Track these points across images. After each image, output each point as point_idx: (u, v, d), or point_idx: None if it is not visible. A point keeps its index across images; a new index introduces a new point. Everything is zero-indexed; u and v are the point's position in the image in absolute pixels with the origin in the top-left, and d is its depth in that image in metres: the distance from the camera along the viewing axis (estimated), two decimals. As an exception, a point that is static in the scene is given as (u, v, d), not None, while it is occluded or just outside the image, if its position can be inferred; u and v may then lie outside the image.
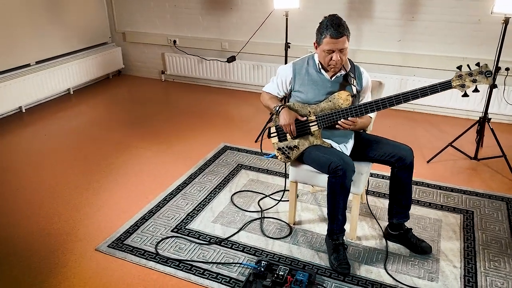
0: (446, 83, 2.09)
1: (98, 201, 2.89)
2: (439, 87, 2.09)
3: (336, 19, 2.16)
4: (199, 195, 2.93)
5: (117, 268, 2.28)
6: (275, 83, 2.43)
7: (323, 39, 2.17)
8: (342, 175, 2.13)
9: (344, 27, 2.15)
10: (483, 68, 2.06)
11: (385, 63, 4.36)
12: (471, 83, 2.08)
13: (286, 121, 2.28)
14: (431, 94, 2.11)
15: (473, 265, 2.28)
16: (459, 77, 2.09)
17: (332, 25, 2.13)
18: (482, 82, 2.07)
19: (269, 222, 2.66)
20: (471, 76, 2.07)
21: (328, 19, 2.17)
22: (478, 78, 2.07)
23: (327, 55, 2.19)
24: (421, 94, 2.12)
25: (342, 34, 2.13)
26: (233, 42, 4.92)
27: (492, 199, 2.86)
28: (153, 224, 2.63)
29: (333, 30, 2.12)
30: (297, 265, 2.29)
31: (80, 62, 5.05)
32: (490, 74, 2.04)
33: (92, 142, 3.80)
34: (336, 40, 2.13)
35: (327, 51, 2.17)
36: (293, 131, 2.30)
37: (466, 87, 2.09)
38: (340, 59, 2.18)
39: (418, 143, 3.72)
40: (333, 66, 2.22)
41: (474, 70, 2.07)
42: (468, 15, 3.90)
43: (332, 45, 2.15)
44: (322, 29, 2.17)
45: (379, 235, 2.52)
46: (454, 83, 2.09)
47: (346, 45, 2.17)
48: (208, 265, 2.29)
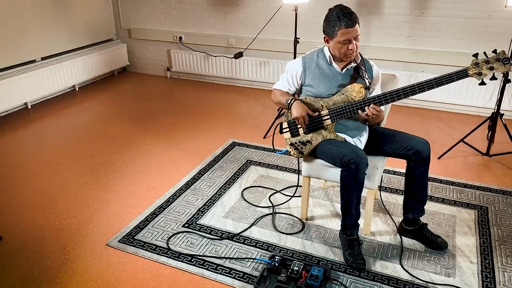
0: (462, 71, 2.05)
1: (107, 197, 2.86)
2: (455, 76, 2.05)
3: (345, 8, 2.14)
4: (209, 191, 2.90)
5: (129, 263, 2.25)
6: (285, 79, 2.40)
7: (338, 31, 2.13)
8: (355, 168, 2.09)
9: (355, 15, 2.14)
10: (501, 55, 2.01)
11: (394, 59, 4.32)
12: (488, 70, 2.03)
13: (299, 113, 2.25)
14: (447, 83, 2.07)
15: (490, 261, 2.24)
16: (476, 65, 2.05)
17: (344, 15, 2.10)
18: (500, 70, 2.02)
19: (281, 218, 2.62)
20: (488, 63, 2.03)
21: (337, 11, 2.14)
22: (495, 65, 2.02)
23: (343, 46, 2.16)
24: (436, 84, 2.08)
25: (355, 22, 2.12)
26: (240, 38, 4.89)
27: (506, 195, 2.83)
28: (164, 219, 2.60)
29: (346, 20, 2.10)
30: (311, 260, 2.26)
31: (85, 59, 5.02)
32: (508, 61, 2.00)
33: (98, 138, 3.77)
34: (352, 29, 2.11)
35: (343, 41, 2.14)
36: (306, 122, 2.27)
37: (483, 75, 2.04)
38: (356, 48, 2.18)
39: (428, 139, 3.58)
40: (350, 55, 2.20)
41: (491, 57, 2.03)
42: (478, 11, 3.86)
43: (348, 35, 2.12)
44: (333, 21, 2.14)
45: (393, 231, 2.49)
46: (471, 71, 2.05)
47: (359, 32, 2.17)
48: (221, 260, 2.25)
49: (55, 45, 4.76)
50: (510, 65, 2.01)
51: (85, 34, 5.11)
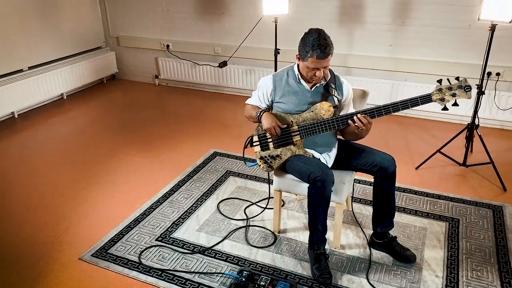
0: (426, 96, 2.09)
1: (85, 209, 2.90)
2: (419, 101, 2.09)
3: (322, 38, 2.10)
4: (186, 203, 2.94)
5: (100, 278, 2.28)
6: (257, 95, 2.44)
7: (308, 58, 2.14)
8: (321, 186, 2.13)
9: (330, 47, 2.11)
10: (463, 82, 2.07)
11: (377, 68, 4.35)
12: (450, 97, 2.08)
13: (269, 124, 2.28)
14: (412, 107, 2.11)
15: (456, 275, 2.27)
16: (439, 91, 2.09)
17: (318, 46, 2.09)
18: (462, 97, 2.07)
19: (254, 231, 2.66)
20: (450, 90, 2.08)
21: (314, 38, 2.11)
22: (457, 92, 2.07)
23: (311, 71, 2.18)
24: (402, 107, 2.12)
25: (328, 55, 2.11)
26: (226, 46, 4.92)
27: (479, 207, 2.86)
28: (138, 232, 2.64)
29: (319, 52, 2.09)
30: (279, 274, 2.29)
31: (73, 67, 5.06)
32: (469, 88, 2.05)
33: (83, 148, 3.81)
34: (323, 60, 2.12)
35: (312, 68, 2.16)
36: (278, 132, 2.29)
37: (445, 101, 2.09)
38: (323, 75, 2.19)
39: (408, 148, 3.72)
40: (316, 80, 2.23)
41: (453, 84, 2.08)
42: (458, 20, 3.89)
43: (318, 65, 2.14)
44: (307, 47, 2.13)
45: (363, 244, 2.52)
46: (434, 96, 2.09)
47: (330, 62, 2.17)
48: (190, 274, 2.29)
49: (43, 54, 4.80)
50: (471, 92, 2.06)
51: (74, 43, 5.16)
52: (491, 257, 2.40)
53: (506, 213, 2.77)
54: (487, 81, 3.92)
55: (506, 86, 3.93)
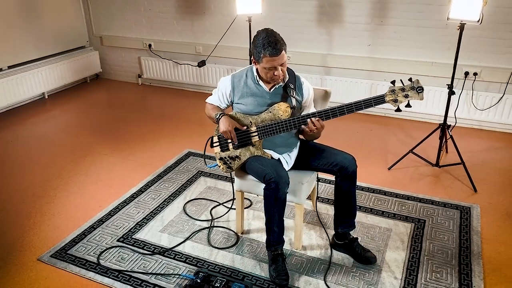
0: (379, 97, 2.08)
1: (50, 210, 2.88)
2: (373, 102, 2.08)
3: (271, 36, 2.10)
4: (152, 204, 2.92)
5: (56, 279, 2.27)
6: (217, 95, 2.42)
7: (263, 58, 2.13)
8: (275, 188, 2.11)
9: (281, 42, 2.11)
10: (415, 84, 2.06)
11: (356, 68, 4.33)
12: (403, 98, 2.07)
13: (226, 127, 2.26)
14: (366, 108, 2.10)
15: (415, 277, 2.25)
16: (392, 92, 2.08)
17: (269, 44, 2.08)
18: (414, 98, 2.06)
19: (217, 232, 2.64)
20: (403, 91, 2.06)
21: (263, 37, 2.11)
22: (410, 93, 2.06)
23: (269, 71, 2.17)
24: (355, 108, 2.11)
25: (280, 51, 2.09)
26: (207, 46, 4.91)
27: (447, 207, 2.83)
28: (101, 233, 2.62)
29: (271, 49, 2.08)
30: (237, 276, 2.27)
31: (55, 66, 5.05)
32: (421, 89, 2.04)
33: (58, 148, 3.80)
34: (276, 58, 2.10)
35: (269, 68, 2.15)
36: (234, 138, 2.28)
37: (398, 102, 2.08)
38: (281, 73, 2.17)
39: (383, 149, 3.70)
40: (276, 80, 2.21)
41: (406, 85, 2.07)
42: (435, 20, 3.87)
43: (273, 63, 2.12)
44: (258, 48, 2.12)
45: (325, 245, 2.50)
46: (387, 97, 2.08)
47: (285, 58, 2.15)
48: (147, 276, 2.27)
49: (24, 53, 4.78)
50: (423, 94, 2.04)
51: (57, 42, 5.14)
52: (452, 258, 2.38)
53: (474, 214, 2.75)
54: (464, 81, 3.90)
55: (484, 86, 3.90)
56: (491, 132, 3.98)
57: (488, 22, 3.69)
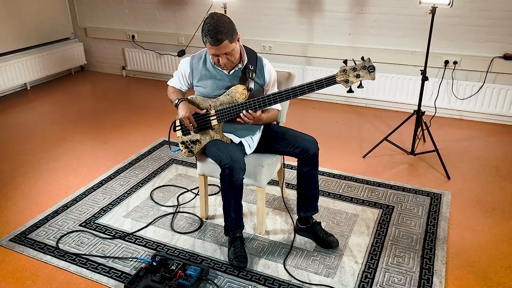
0: (330, 78, 2.02)
1: (15, 195, 2.85)
2: (324, 83, 2.02)
3: (213, 24, 2.00)
4: (120, 190, 2.88)
5: (11, 262, 2.23)
6: (177, 77, 2.38)
7: (206, 44, 2.07)
8: (229, 174, 2.07)
9: (223, 32, 2.01)
10: (366, 63, 1.99)
11: (337, 58, 4.27)
12: (354, 78, 2.01)
13: (184, 114, 2.22)
14: (318, 89, 2.04)
15: (376, 261, 2.21)
16: (344, 72, 2.02)
17: (209, 32, 2.01)
18: (366, 78, 2.00)
19: (182, 217, 2.60)
20: (354, 71, 2.00)
21: (206, 23, 2.03)
22: (361, 73, 1.99)
23: (214, 57, 2.13)
24: (308, 89, 2.05)
25: (220, 41, 2.01)
26: (189, 36, 4.87)
27: (418, 194, 2.79)
28: (64, 218, 2.59)
29: (210, 38, 2.01)
30: (196, 260, 2.23)
31: (38, 57, 5.02)
32: (372, 69, 1.97)
33: (34, 137, 3.77)
34: (216, 47, 2.04)
35: (212, 55, 2.10)
36: (193, 123, 2.25)
37: (350, 82, 2.02)
38: (228, 61, 2.12)
39: (360, 138, 3.65)
40: (223, 67, 2.17)
41: (358, 64, 2.00)
42: (415, 8, 3.81)
43: (214, 51, 2.06)
44: (202, 33, 2.06)
45: (289, 230, 2.46)
46: (339, 78, 2.02)
47: (231, 48, 2.07)
48: (104, 259, 2.24)
49: (6, 44, 4.75)
50: (374, 73, 1.98)
51: (41, 33, 5.11)
52: (417, 243, 2.33)
53: (444, 201, 2.70)
54: (444, 70, 3.85)
55: (464, 75, 3.85)
56: (471, 122, 3.93)
57: (468, 10, 3.65)
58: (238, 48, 2.14)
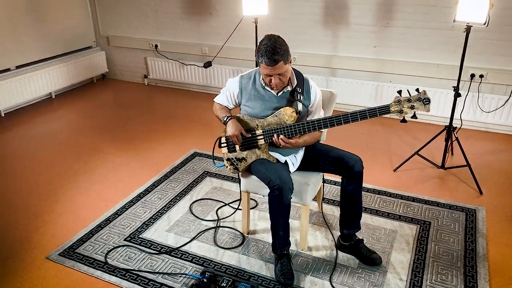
0: (384, 107, 2.07)
1: (57, 208, 2.91)
2: (377, 111, 2.08)
3: (271, 45, 2.08)
4: (159, 203, 2.94)
5: (64, 277, 2.29)
6: (225, 95, 2.43)
7: (260, 64, 2.15)
8: (279, 194, 2.12)
9: (280, 53, 2.08)
10: (422, 95, 2.04)
11: (361, 69, 4.34)
12: (409, 109, 2.06)
13: (232, 132, 2.28)
14: (370, 117, 2.09)
15: (420, 278, 2.26)
16: (398, 103, 2.07)
17: (266, 53, 2.08)
18: (420, 109, 2.04)
19: (224, 232, 2.66)
20: (409, 102, 2.05)
21: (263, 44, 2.11)
22: (416, 104, 2.04)
23: (266, 77, 2.19)
24: (360, 117, 2.11)
25: (276, 62, 2.08)
26: (213, 46, 4.93)
27: (453, 210, 2.84)
28: (108, 232, 2.65)
29: (267, 59, 2.08)
30: (243, 276, 2.29)
31: (62, 66, 5.09)
32: (428, 101, 2.02)
33: (64, 147, 3.83)
34: (272, 68, 2.11)
35: (266, 75, 2.16)
36: (239, 141, 2.30)
37: (404, 113, 2.07)
38: (280, 82, 2.18)
39: (388, 150, 3.70)
40: (274, 87, 2.23)
41: (413, 96, 2.05)
42: (441, 22, 3.87)
43: (269, 71, 2.13)
44: (258, 54, 2.14)
45: (331, 246, 2.51)
46: (393, 108, 2.07)
47: (285, 69, 2.14)
48: (154, 275, 2.29)
49: (32, 53, 4.82)
50: (429, 106, 2.03)
51: (64, 42, 5.18)
52: (458, 260, 2.38)
53: (479, 217, 2.75)
54: (470, 83, 3.90)
55: (490, 88, 3.90)
56: (496, 134, 3.98)
57: (495, 24, 3.68)
58: (290, 69, 2.20)
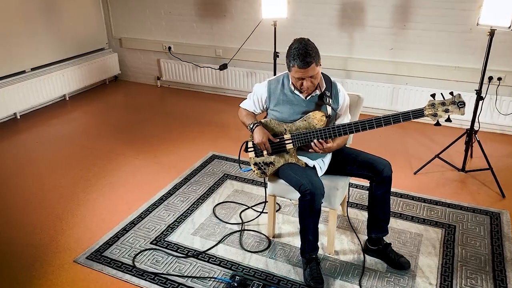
0: (418, 111, 2.06)
1: (81, 211, 2.91)
2: (411, 115, 2.06)
3: (302, 47, 2.10)
4: (182, 206, 2.94)
5: (93, 281, 2.29)
6: (252, 100, 2.43)
7: (292, 68, 2.15)
8: (311, 199, 2.12)
9: (312, 55, 2.09)
10: (456, 98, 2.02)
11: (378, 72, 4.34)
12: (443, 113, 2.04)
13: (260, 139, 2.28)
14: (404, 121, 2.08)
15: (449, 283, 2.26)
16: (432, 106, 2.06)
17: (298, 56, 2.08)
18: (455, 113, 2.03)
19: (248, 235, 2.66)
20: (443, 105, 2.04)
21: (295, 47, 2.12)
22: (450, 108, 2.03)
23: (297, 81, 2.18)
24: (393, 121, 2.09)
25: (309, 64, 2.09)
26: (227, 49, 4.93)
27: (476, 213, 2.83)
28: (133, 235, 2.65)
29: (299, 61, 2.09)
30: (272, 280, 2.29)
31: (76, 68, 5.10)
32: (463, 104, 2.00)
33: (82, 149, 3.84)
34: (304, 70, 2.11)
35: (297, 78, 2.16)
36: (268, 148, 2.30)
37: (438, 116, 2.05)
38: (311, 84, 2.18)
39: (406, 153, 3.70)
40: (305, 90, 2.23)
41: (447, 99, 2.04)
42: (459, 24, 3.87)
43: (301, 74, 2.13)
44: (290, 57, 2.14)
45: (357, 250, 2.51)
46: (427, 111, 2.06)
47: (316, 71, 2.15)
48: (183, 279, 2.29)
49: (46, 55, 4.83)
50: (464, 109, 2.01)
51: (77, 44, 5.19)
52: (486, 265, 2.38)
53: (504, 220, 2.75)
54: (488, 85, 3.89)
55: (508, 91, 3.90)
56: (514, 137, 3.98)
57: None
58: (320, 72, 2.20)
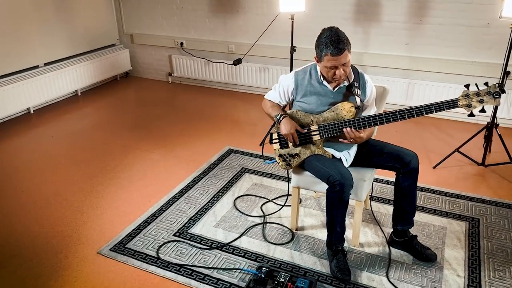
0: (452, 101, 2.04)
1: (101, 204, 2.90)
2: (444, 105, 2.04)
3: (334, 34, 2.08)
4: (202, 199, 2.93)
5: (119, 272, 2.28)
6: (277, 91, 2.41)
7: (324, 57, 2.12)
8: (340, 190, 2.10)
9: (344, 42, 2.07)
10: (492, 89, 1.99)
11: (393, 67, 4.32)
12: (478, 103, 2.01)
13: (287, 130, 2.26)
14: (436, 111, 2.06)
15: (478, 275, 2.24)
16: (466, 97, 2.03)
17: (331, 43, 2.06)
18: (490, 103, 2.00)
19: (271, 228, 2.64)
20: (478, 96, 2.01)
21: (326, 36, 2.09)
22: (485, 98, 2.00)
23: (330, 70, 2.15)
24: (426, 111, 2.07)
25: (342, 50, 2.07)
26: (240, 44, 4.92)
27: (499, 207, 2.82)
28: (155, 228, 2.64)
29: (333, 49, 2.06)
30: (298, 271, 2.27)
31: (88, 64, 5.09)
32: (498, 95, 1.96)
33: (97, 144, 3.83)
34: (338, 57, 2.08)
35: (330, 67, 2.14)
36: (295, 139, 2.29)
37: (472, 107, 2.02)
38: (344, 73, 2.15)
39: (424, 148, 3.68)
40: (337, 80, 2.20)
41: (482, 90, 2.01)
42: (476, 19, 3.85)
43: (334, 62, 2.10)
44: (321, 46, 2.11)
45: (382, 242, 2.50)
46: (461, 102, 2.04)
47: (349, 58, 2.13)
48: (209, 270, 2.28)
49: (58, 51, 4.83)
50: (500, 99, 1.98)
51: (88, 40, 5.18)
52: (513, 257, 2.37)
53: (527, 214, 2.73)
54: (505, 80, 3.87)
55: (525, 86, 3.88)
56: (531, 132, 3.96)
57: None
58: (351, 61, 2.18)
